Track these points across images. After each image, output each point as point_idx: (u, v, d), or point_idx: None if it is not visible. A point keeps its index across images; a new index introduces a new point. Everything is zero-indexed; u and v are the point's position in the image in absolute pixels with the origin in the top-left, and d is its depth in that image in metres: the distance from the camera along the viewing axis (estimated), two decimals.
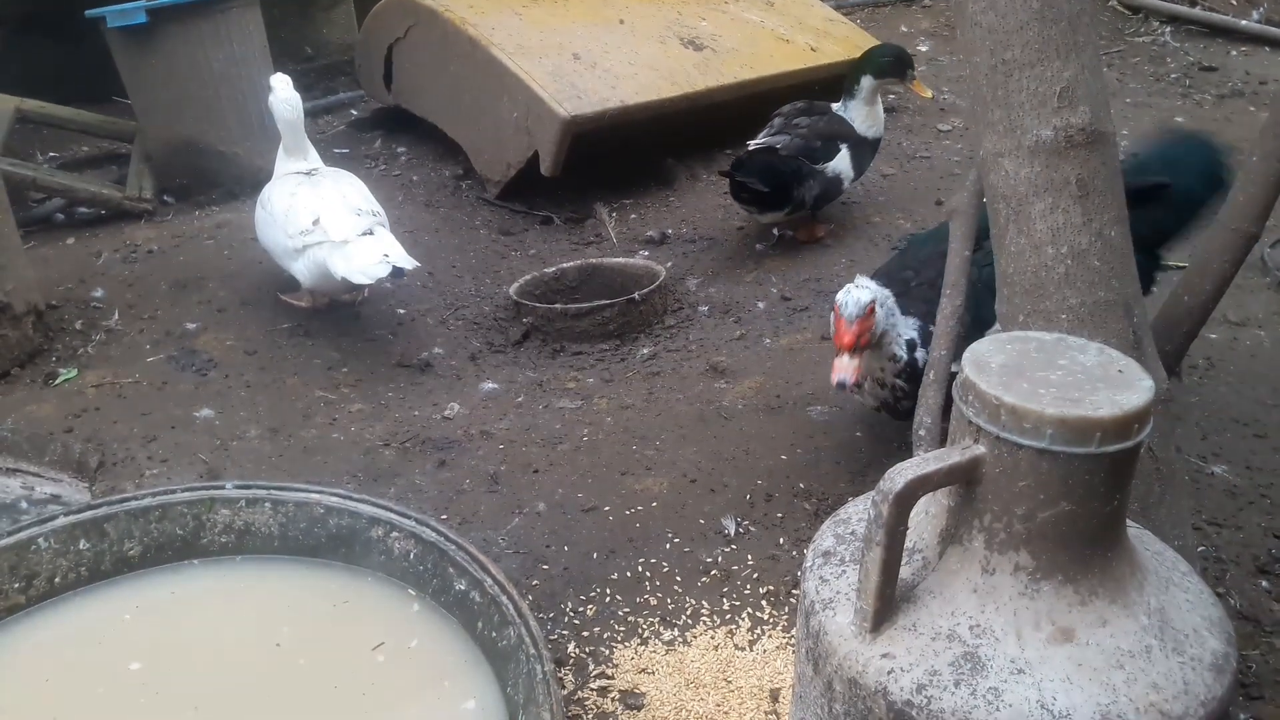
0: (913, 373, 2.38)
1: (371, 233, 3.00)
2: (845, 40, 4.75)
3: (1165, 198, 2.52)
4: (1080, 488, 1.16)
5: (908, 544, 1.25)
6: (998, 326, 1.90)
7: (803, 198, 3.64)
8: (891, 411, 2.52)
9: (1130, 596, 1.22)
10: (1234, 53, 5.78)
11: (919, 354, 2.37)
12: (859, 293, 2.28)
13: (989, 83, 1.68)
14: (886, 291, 2.36)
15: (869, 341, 2.31)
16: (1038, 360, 1.23)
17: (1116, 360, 1.23)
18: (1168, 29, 6.08)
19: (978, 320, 2.24)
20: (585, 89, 3.98)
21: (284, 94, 3.22)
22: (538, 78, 3.96)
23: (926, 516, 1.30)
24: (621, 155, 4.44)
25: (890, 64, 3.71)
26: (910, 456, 1.28)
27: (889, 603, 1.23)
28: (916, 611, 1.24)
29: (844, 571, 1.34)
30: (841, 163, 3.67)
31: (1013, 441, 1.16)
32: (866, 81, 3.70)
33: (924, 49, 6.08)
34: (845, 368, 2.27)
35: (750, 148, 3.58)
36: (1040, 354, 1.24)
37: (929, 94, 4.00)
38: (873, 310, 2.28)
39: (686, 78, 4.23)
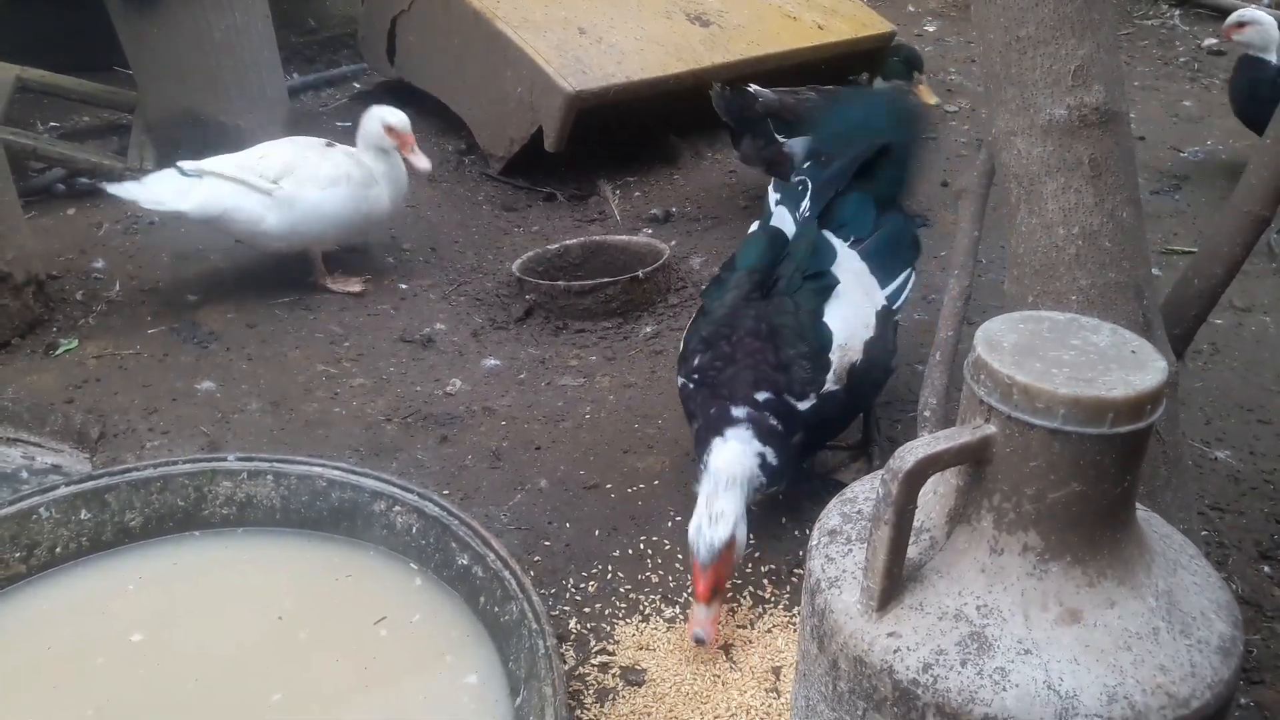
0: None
1: (198, 176, 3.14)
2: (852, 19, 4.71)
3: (889, 155, 2.63)
4: (1091, 468, 1.15)
5: (915, 523, 1.24)
6: None
7: (745, 150, 3.81)
8: None
9: (1138, 579, 1.22)
10: None
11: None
12: (712, 532, 1.93)
13: (1002, 60, 1.66)
14: (752, 469, 2.04)
15: (728, 579, 2.01)
16: (1050, 340, 1.22)
17: (1129, 341, 1.22)
18: (1177, 12, 6.04)
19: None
20: (590, 64, 3.95)
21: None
22: (542, 52, 3.93)
23: (935, 496, 1.29)
24: (626, 132, 4.42)
25: (898, 65, 3.89)
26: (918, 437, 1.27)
27: (896, 581, 1.22)
28: (923, 591, 1.23)
29: (850, 550, 1.33)
30: (800, 146, 3.67)
31: (1025, 421, 1.15)
32: (878, 84, 3.89)
33: (931, 29, 6.04)
34: (703, 620, 1.94)
35: (747, 88, 3.74)
36: (1053, 334, 1.23)
37: (934, 100, 4.04)
38: (733, 545, 1.96)
39: (693, 54, 4.20)
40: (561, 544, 2.33)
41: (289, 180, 3.19)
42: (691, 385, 2.28)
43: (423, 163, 3.26)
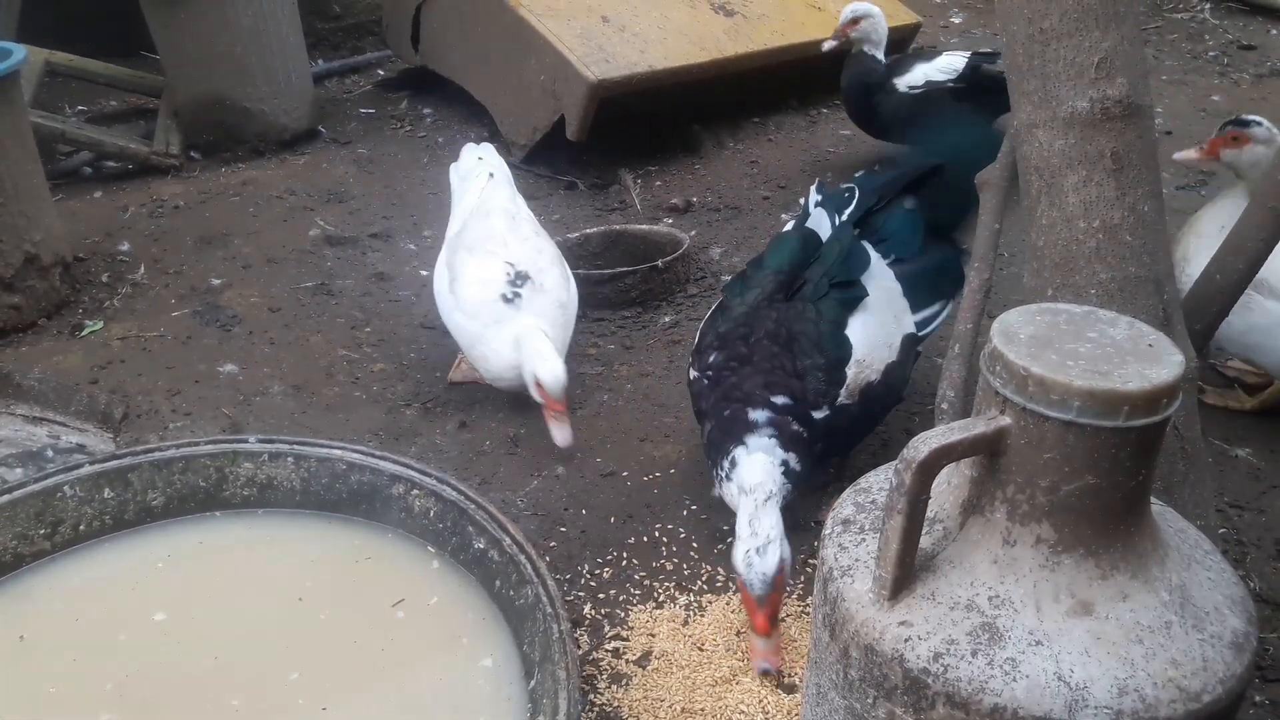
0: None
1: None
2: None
3: (944, 178, 2.51)
4: (1106, 461, 1.15)
5: (928, 514, 1.24)
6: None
7: None
8: None
9: (1152, 572, 1.22)
10: (1274, 31, 5.68)
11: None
12: (763, 563, 1.88)
13: (1025, 51, 1.65)
14: (780, 480, 2.05)
15: (782, 603, 1.96)
16: (1067, 332, 1.22)
17: (1147, 334, 1.22)
18: (1207, 6, 5.98)
19: None
20: (613, 52, 3.95)
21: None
22: (565, 40, 3.93)
23: (948, 487, 1.29)
24: (648, 121, 4.41)
25: None
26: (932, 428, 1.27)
27: (908, 571, 1.23)
28: (935, 581, 1.24)
29: (863, 539, 1.34)
30: None
31: (1039, 413, 1.14)
32: None
33: (957, 20, 6.01)
34: (765, 652, 1.91)
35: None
36: (1070, 326, 1.23)
37: None
38: (783, 570, 1.91)
39: (716, 43, 4.19)
40: (577, 530, 2.34)
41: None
42: (706, 381, 2.25)
43: (562, 437, 2.51)
